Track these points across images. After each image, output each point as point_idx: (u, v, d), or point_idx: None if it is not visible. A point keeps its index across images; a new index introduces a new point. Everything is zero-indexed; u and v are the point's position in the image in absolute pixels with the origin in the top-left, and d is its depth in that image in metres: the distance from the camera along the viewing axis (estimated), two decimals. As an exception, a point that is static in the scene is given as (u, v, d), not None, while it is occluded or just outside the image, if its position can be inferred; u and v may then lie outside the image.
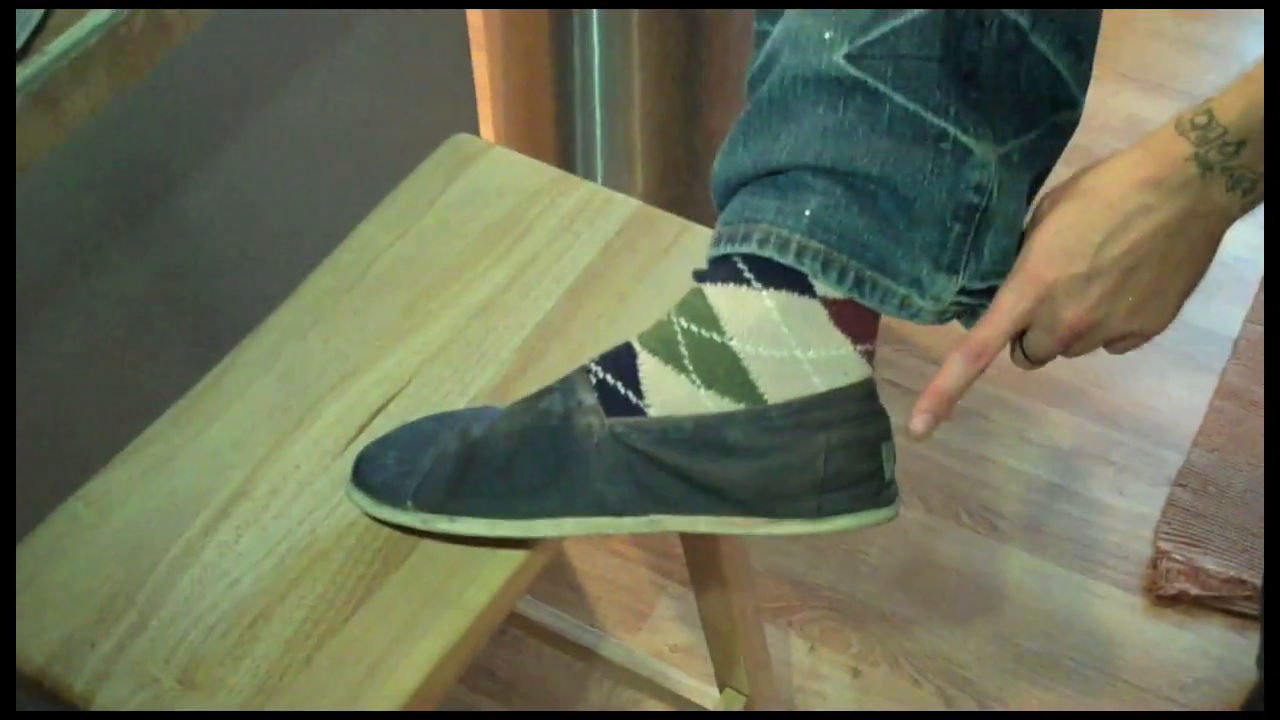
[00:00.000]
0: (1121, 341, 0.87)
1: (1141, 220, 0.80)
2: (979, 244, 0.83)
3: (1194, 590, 1.62)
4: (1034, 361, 0.88)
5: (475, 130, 1.67)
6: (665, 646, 1.62)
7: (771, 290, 0.82)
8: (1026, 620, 1.62)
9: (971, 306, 0.86)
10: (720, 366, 0.83)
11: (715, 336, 0.83)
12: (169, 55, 0.81)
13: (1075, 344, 0.86)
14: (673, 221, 1.07)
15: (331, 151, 1.41)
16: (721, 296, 0.83)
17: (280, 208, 1.37)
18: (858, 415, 0.84)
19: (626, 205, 1.08)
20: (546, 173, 1.11)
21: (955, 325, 0.89)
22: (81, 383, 1.21)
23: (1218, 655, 1.59)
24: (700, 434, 0.83)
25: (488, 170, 1.12)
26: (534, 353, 1.00)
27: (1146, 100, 2.24)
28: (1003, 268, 0.84)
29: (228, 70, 1.25)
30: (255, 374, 0.99)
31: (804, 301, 0.82)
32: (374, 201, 1.10)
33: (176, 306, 1.29)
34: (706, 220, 1.05)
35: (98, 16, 0.74)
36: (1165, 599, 1.63)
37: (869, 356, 0.84)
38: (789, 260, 0.81)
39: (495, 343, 1.00)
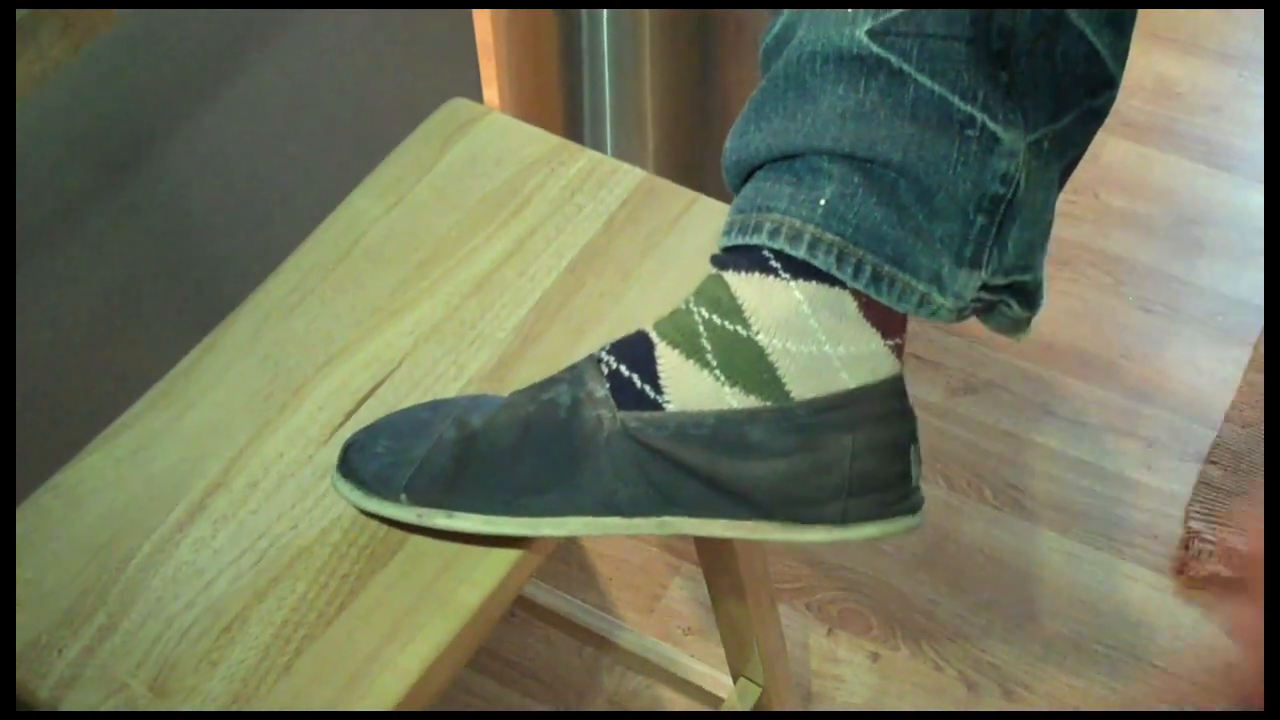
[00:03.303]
0: None
1: None
2: (1003, 237, 0.77)
3: (1226, 572, 1.56)
4: None
5: (477, 91, 1.60)
6: (679, 629, 1.57)
7: (800, 281, 0.76)
8: (1053, 602, 1.57)
9: (992, 303, 0.80)
10: (745, 362, 0.77)
11: (740, 330, 0.77)
12: (143, 14, 0.75)
13: None
14: (680, 192, 1.01)
15: (325, 112, 1.35)
16: (746, 287, 0.77)
17: (271, 171, 1.32)
18: (886, 414, 0.78)
19: (631, 175, 1.02)
20: (547, 140, 1.05)
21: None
22: (59, 360, 1.15)
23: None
24: (721, 431, 0.77)
25: (485, 137, 1.05)
26: (533, 332, 0.94)
27: (1178, 60, 2.17)
28: (1027, 261, 0.78)
29: (214, 24, 1.19)
30: (236, 356, 0.93)
31: (834, 293, 0.76)
32: (370, 165, 1.04)
33: (160, 277, 1.23)
34: (720, 186, 0.99)
35: (46, -27, 0.68)
36: (1196, 581, 1.58)
37: (898, 351, 0.78)
38: (800, 253, 0.75)
39: (492, 322, 0.95)
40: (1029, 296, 0.81)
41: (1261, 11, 2.23)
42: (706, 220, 1.00)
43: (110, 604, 0.82)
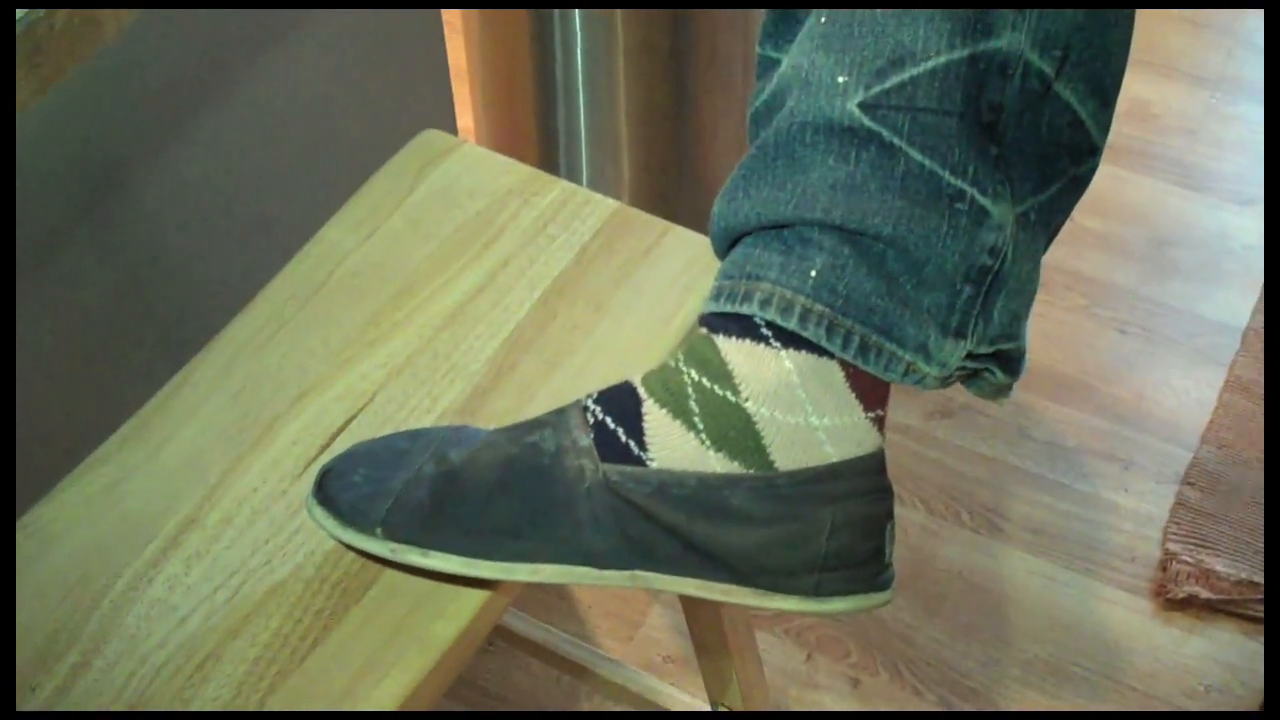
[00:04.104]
0: None
1: None
2: (988, 307, 0.77)
3: (1204, 594, 1.57)
4: None
5: (451, 119, 1.61)
6: (658, 657, 1.56)
7: (790, 351, 0.76)
8: (1031, 625, 1.57)
9: (976, 370, 0.81)
10: (732, 428, 0.77)
11: (729, 396, 0.77)
12: (115, 44, 0.75)
13: None
14: (652, 223, 1.02)
15: (298, 143, 1.35)
16: (737, 353, 0.77)
17: (244, 204, 1.32)
18: (866, 491, 0.78)
19: (604, 206, 1.02)
20: (520, 171, 1.05)
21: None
22: (31, 396, 1.15)
23: (1229, 661, 1.54)
24: (701, 493, 0.78)
25: (458, 169, 1.06)
26: (506, 364, 0.94)
27: (1153, 84, 2.18)
28: (1011, 330, 0.79)
29: (186, 58, 1.19)
30: (209, 391, 0.93)
31: (822, 363, 0.76)
32: (343, 196, 1.04)
33: (133, 311, 1.23)
34: (695, 212, 0.99)
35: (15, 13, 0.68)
36: (1174, 603, 1.58)
37: (880, 424, 0.79)
38: (792, 325, 0.75)
39: (465, 354, 0.95)
40: (1012, 364, 0.81)
41: (1233, 32, 2.24)
42: (679, 251, 1.00)
43: (84, 642, 0.82)
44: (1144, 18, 2.33)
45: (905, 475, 1.70)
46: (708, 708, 1.32)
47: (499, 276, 0.99)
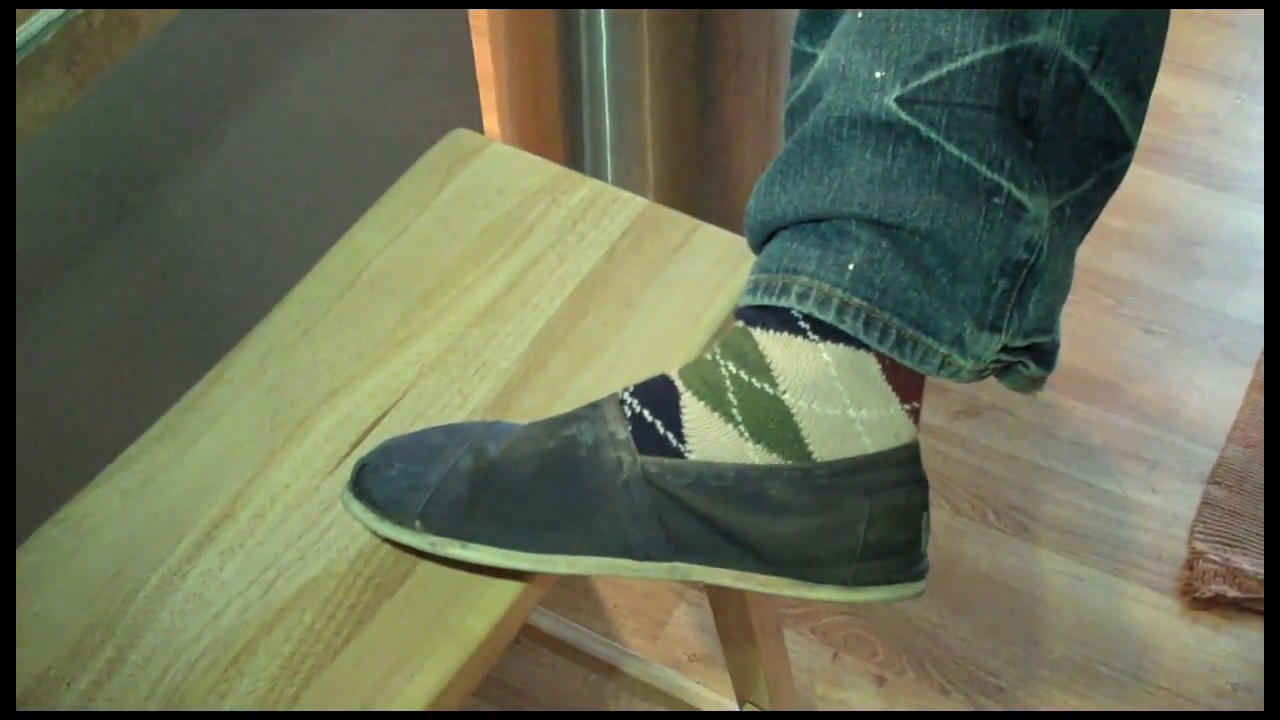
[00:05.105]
0: None
1: None
2: (1023, 301, 0.78)
3: (1231, 592, 1.56)
4: None
5: (478, 121, 1.61)
6: (684, 655, 1.57)
7: (828, 343, 0.77)
8: (1058, 625, 1.57)
9: (1010, 364, 0.81)
10: (771, 420, 0.78)
11: (767, 388, 0.78)
12: (146, 47, 0.76)
13: None
14: (682, 221, 1.02)
15: (326, 147, 1.36)
16: (774, 345, 0.78)
17: (274, 205, 1.32)
18: (903, 481, 0.79)
19: (633, 204, 1.03)
20: (549, 170, 1.06)
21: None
22: (65, 393, 1.16)
23: (1257, 659, 1.53)
24: (740, 484, 0.78)
25: (487, 168, 1.06)
26: (537, 361, 0.94)
27: (1176, 82, 2.18)
28: (1046, 324, 0.79)
29: (216, 61, 1.20)
30: (241, 388, 0.94)
31: (859, 355, 0.77)
32: (372, 197, 1.05)
33: (165, 311, 1.24)
34: (720, 213, 0.99)
35: (53, 12, 0.69)
36: (1202, 601, 1.58)
37: (915, 415, 0.79)
38: (829, 318, 0.76)
39: (495, 351, 0.95)
40: (1046, 357, 0.81)
41: (1257, 31, 2.24)
42: (708, 248, 1.00)
43: (119, 637, 0.82)
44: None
45: (931, 475, 1.69)
46: (735, 706, 1.32)
47: (529, 274, 0.99)
